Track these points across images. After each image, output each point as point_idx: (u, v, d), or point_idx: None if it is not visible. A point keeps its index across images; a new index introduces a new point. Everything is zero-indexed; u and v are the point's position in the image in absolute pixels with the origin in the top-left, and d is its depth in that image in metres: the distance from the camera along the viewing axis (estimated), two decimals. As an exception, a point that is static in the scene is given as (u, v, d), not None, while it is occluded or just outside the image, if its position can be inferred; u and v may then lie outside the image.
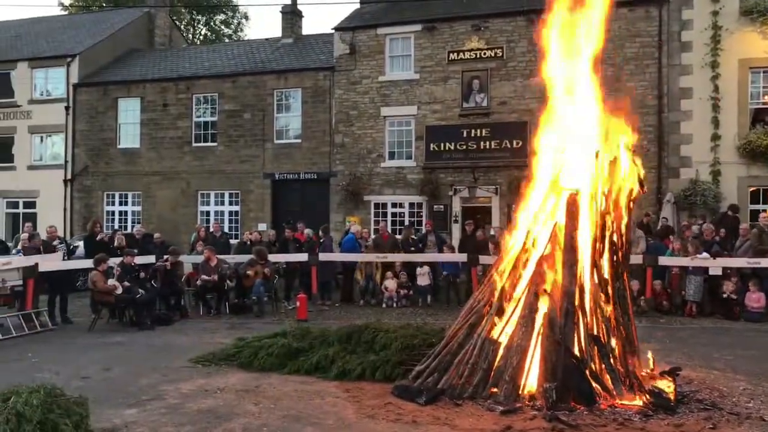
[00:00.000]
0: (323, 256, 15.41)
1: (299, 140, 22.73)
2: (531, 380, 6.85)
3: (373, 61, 21.67)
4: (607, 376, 6.86)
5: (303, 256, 15.53)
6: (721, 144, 18.21)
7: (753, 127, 18.07)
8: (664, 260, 13.91)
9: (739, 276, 13.59)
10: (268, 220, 22.63)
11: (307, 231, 16.91)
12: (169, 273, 13.92)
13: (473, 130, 20.48)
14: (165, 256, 14.25)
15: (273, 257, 15.17)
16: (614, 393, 6.76)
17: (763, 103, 18.41)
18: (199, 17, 44.00)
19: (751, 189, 18.32)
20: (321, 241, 16.31)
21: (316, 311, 14.10)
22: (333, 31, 22.49)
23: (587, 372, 6.79)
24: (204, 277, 13.94)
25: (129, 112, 24.94)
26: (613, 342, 7.17)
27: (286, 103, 23.14)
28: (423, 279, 15.35)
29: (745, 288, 13.27)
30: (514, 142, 19.52)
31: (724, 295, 13.26)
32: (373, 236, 17.29)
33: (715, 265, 13.48)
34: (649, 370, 7.47)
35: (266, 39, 26.95)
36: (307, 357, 8.49)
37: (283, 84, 23.02)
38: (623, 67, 18.80)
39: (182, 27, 39.71)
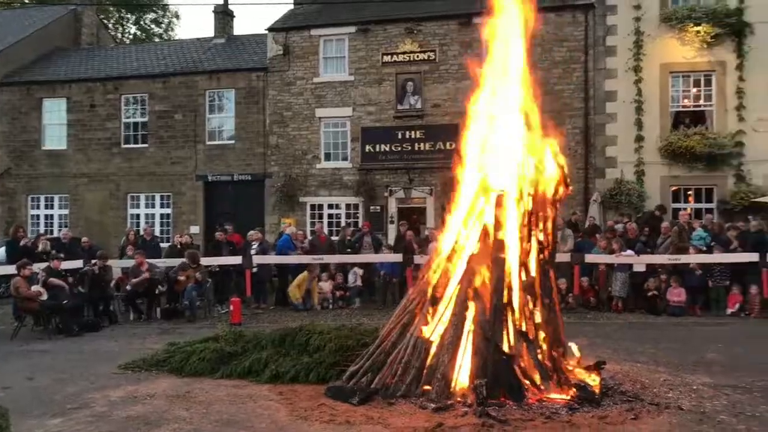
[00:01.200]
0: (257, 259, 15.26)
1: (233, 141, 22.46)
2: (462, 377, 6.98)
3: (307, 62, 21.60)
4: (536, 371, 7.04)
5: (237, 259, 15.33)
6: (644, 145, 18.93)
7: (674, 129, 18.85)
8: (590, 258, 14.36)
9: (662, 272, 14.15)
10: (201, 223, 22.29)
11: (252, 232, 16.53)
12: (97, 278, 13.55)
13: (408, 132, 20.68)
14: (93, 261, 13.87)
15: (206, 260, 14.95)
16: (542, 387, 6.94)
17: (683, 106, 19.24)
18: (128, 16, 42.85)
19: (673, 188, 19.12)
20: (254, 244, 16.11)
21: (251, 315, 13.95)
22: (266, 31, 22.29)
23: (516, 368, 6.96)
24: (134, 280, 13.63)
25: (54, 113, 24.10)
26: (541, 338, 7.36)
27: (219, 104, 22.84)
28: (353, 279, 15.32)
29: (667, 284, 13.82)
30: (448, 144, 19.77)
31: (649, 293, 13.78)
32: (309, 238, 17.25)
33: (639, 262, 14.02)
34: (575, 364, 7.69)
35: (198, 39, 26.48)
36: (239, 361, 8.41)
37: (216, 84, 22.70)
38: (551, 70, 19.32)
39: (110, 26, 38.61)
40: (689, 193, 19.17)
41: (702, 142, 18.18)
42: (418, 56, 20.67)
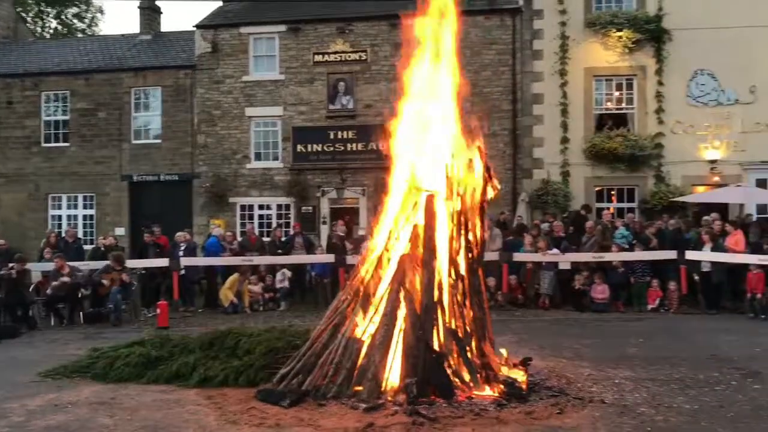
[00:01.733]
0: (185, 261, 14.93)
1: (159, 140, 21.93)
2: (393, 377, 7.01)
3: (236, 61, 21.28)
4: (465, 369, 7.14)
5: (164, 261, 14.94)
6: (569, 147, 19.50)
7: (597, 132, 19.47)
8: (518, 256, 14.66)
9: (587, 270, 14.58)
10: (126, 224, 21.66)
11: (179, 234, 16.10)
12: (15, 282, 12.96)
13: (340, 132, 20.66)
14: (10, 264, 13.25)
15: (131, 263, 14.53)
16: (471, 385, 7.05)
17: (606, 109, 19.90)
18: (49, 9, 41.16)
19: (597, 188, 19.76)
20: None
21: (179, 318, 13.64)
22: (194, 28, 21.84)
23: (446, 366, 7.04)
24: (53, 283, 13.12)
25: (-33, 110, 22.95)
26: (471, 336, 7.47)
27: (145, 102, 22.26)
28: (283, 282, 15.12)
29: (591, 281, 14.25)
30: (380, 145, 19.82)
31: (578, 286, 14.17)
32: (239, 239, 16.99)
33: (564, 260, 14.42)
34: (503, 361, 7.84)
35: (123, 35, 25.69)
36: (167, 365, 8.20)
37: (142, 82, 22.10)
38: (481, 73, 19.64)
39: (29, 19, 37.03)
40: (612, 193, 19.85)
41: (624, 143, 18.86)
42: (349, 56, 20.66)
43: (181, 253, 15.07)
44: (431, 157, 7.83)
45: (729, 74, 18.77)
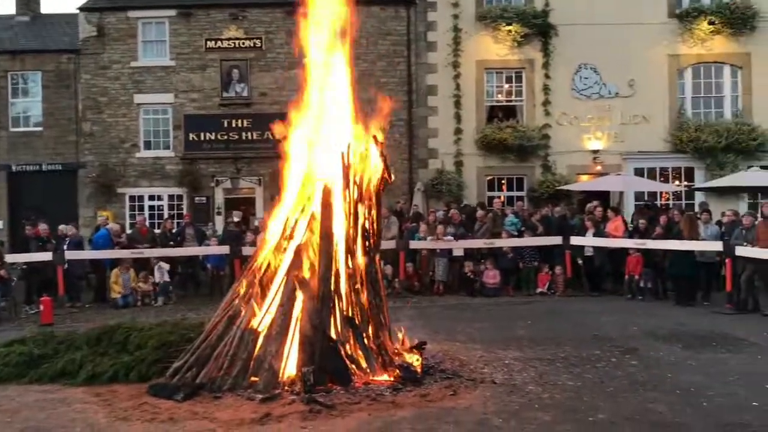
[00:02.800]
0: (70, 255, 14.22)
1: (41, 128, 20.74)
2: (290, 366, 6.99)
3: (124, 46, 20.41)
4: (362, 356, 7.23)
5: (47, 255, 14.16)
6: (462, 137, 20.00)
7: (488, 123, 20.08)
8: (414, 244, 14.94)
9: (479, 256, 15.07)
10: (5, 217, 20.38)
11: (62, 227, 15.29)
12: None
13: (234, 121, 20.27)
14: None
15: (11, 257, 13.70)
16: (368, 371, 7.15)
17: (497, 101, 20.54)
18: None
19: (488, 178, 20.40)
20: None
21: (64, 314, 12.98)
22: (77, 11, 20.74)
23: (343, 353, 7.10)
24: None
25: None
26: (367, 323, 7.57)
27: (24, 87, 20.99)
28: (164, 276, 14.55)
29: (483, 266, 14.73)
30: (276, 134, 19.56)
31: (468, 273, 14.61)
32: (129, 231, 16.36)
33: (458, 246, 14.82)
34: (399, 347, 8.00)
35: (-3, 15, 24.06)
36: (51, 363, 7.80)
37: (20, 66, 20.80)
38: (376, 63, 19.79)
39: None
40: (502, 182, 20.55)
41: (513, 134, 19.55)
42: (243, 43, 20.29)
43: (65, 247, 14.34)
44: (327, 146, 7.84)
45: (610, 69, 19.82)
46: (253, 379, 6.91)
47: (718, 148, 19.34)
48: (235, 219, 15.78)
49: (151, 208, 20.44)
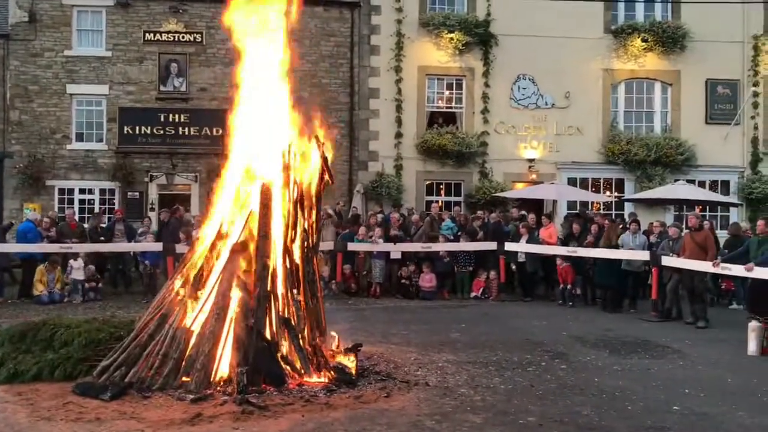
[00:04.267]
0: (-6, 247, 13.66)
1: (-36, 115, 19.83)
2: (223, 367, 6.89)
3: (57, 33, 19.74)
4: (297, 357, 7.18)
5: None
6: (403, 141, 20.17)
7: (428, 128, 20.30)
8: (352, 246, 14.93)
9: (416, 259, 15.18)
10: (-77, 207, 19.38)
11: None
12: None
13: (171, 115, 19.86)
14: None
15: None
16: (303, 372, 7.10)
17: (437, 107, 20.78)
18: None
19: (427, 182, 20.61)
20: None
21: (-15, 309, 12.47)
22: (8, -6, 19.95)
23: (278, 354, 7.04)
24: None
25: None
26: (303, 324, 7.53)
27: (-52, 72, 20.00)
28: (78, 273, 13.91)
29: (419, 270, 14.86)
30: (215, 130, 19.28)
31: (402, 280, 14.71)
32: (58, 224, 15.77)
33: (395, 250, 14.89)
34: (334, 348, 7.99)
35: None
36: (-31, 361, 7.45)
37: (-56, 49, 19.84)
38: (319, 64, 19.74)
39: None
40: (441, 186, 20.79)
41: (452, 140, 19.82)
42: (183, 37, 19.92)
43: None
44: (267, 144, 7.77)
45: (547, 80, 20.34)
46: (184, 379, 6.77)
47: (648, 161, 20.10)
48: (166, 218, 15.34)
49: (82, 201, 19.80)
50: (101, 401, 6.38)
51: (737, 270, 11.21)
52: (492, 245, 15.02)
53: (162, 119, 19.76)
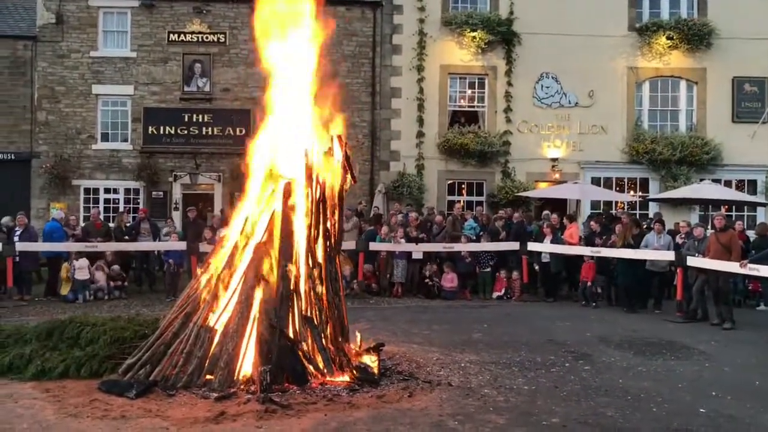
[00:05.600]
0: (20, 246, 13.84)
1: (-7, 116, 20.15)
2: (246, 365, 6.92)
3: (84, 34, 20.00)
4: (319, 356, 7.20)
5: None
6: (424, 141, 20.13)
7: (450, 127, 20.24)
8: (374, 246, 14.94)
9: (437, 259, 15.15)
10: (-48, 206, 19.71)
11: (5, 219, 14.87)
12: None
13: (195, 115, 20.04)
14: None
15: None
16: (325, 371, 7.11)
17: (459, 106, 20.72)
18: None
19: (449, 182, 20.55)
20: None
21: (13, 307, 12.65)
22: (36, -4, 20.25)
23: (300, 353, 7.06)
24: None
25: None
26: (326, 323, 7.54)
27: (-23, 73, 20.35)
28: (81, 273, 13.76)
29: (442, 270, 14.82)
30: (238, 130, 19.46)
31: (426, 280, 14.68)
32: (83, 224, 16.00)
33: (417, 250, 14.88)
34: (357, 348, 7.99)
35: (-50, -3, 23.30)
36: (-2, 357, 7.58)
37: (-27, 51, 20.19)
38: (341, 63, 19.78)
39: None
40: (462, 186, 20.72)
41: (475, 140, 19.75)
42: (207, 38, 20.08)
43: (15, 238, 13.96)
44: (290, 144, 7.80)
45: (571, 79, 20.18)
46: (208, 377, 6.82)
47: (673, 160, 19.86)
48: (191, 217, 15.46)
49: (107, 201, 20.06)
50: (126, 399, 6.45)
51: (765, 271, 11.04)
52: (514, 245, 14.93)
53: (186, 119, 19.94)
